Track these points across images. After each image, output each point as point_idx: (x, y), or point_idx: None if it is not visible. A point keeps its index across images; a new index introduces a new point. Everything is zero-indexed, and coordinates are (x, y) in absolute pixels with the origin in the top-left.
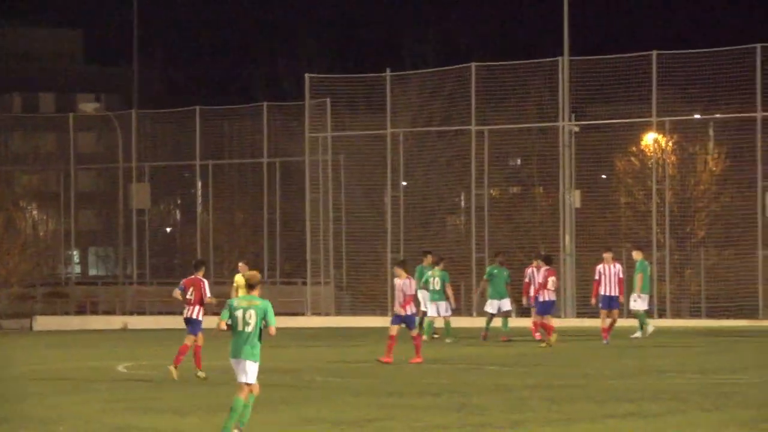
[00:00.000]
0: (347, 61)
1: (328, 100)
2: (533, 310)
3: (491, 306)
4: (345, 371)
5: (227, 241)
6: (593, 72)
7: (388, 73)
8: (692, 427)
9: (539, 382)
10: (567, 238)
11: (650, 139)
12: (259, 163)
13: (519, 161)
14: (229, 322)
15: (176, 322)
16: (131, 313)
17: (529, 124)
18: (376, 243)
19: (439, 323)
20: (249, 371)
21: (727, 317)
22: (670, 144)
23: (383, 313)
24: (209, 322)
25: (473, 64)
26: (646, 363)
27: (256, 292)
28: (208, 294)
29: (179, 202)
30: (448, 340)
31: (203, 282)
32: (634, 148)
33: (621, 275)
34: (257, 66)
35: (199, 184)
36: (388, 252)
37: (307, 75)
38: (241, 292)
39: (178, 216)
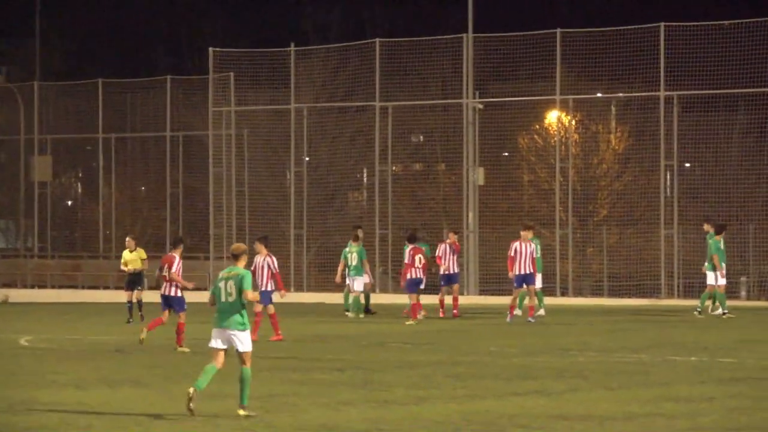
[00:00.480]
0: (251, 36)
1: (231, 74)
2: (442, 288)
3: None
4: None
5: (130, 215)
6: (497, 49)
7: (292, 47)
8: (595, 405)
9: (443, 359)
10: (470, 215)
11: (553, 117)
12: (162, 136)
13: (422, 138)
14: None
15: (77, 295)
16: (32, 287)
17: (433, 100)
18: (279, 218)
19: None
20: (243, 340)
21: (629, 296)
22: (574, 122)
23: (285, 288)
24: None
25: (377, 40)
26: (550, 341)
27: (240, 263)
28: (173, 269)
29: (81, 175)
30: (351, 314)
31: (175, 258)
32: (537, 126)
33: (535, 254)
34: (161, 39)
35: (102, 157)
36: (291, 228)
37: (210, 49)
38: (130, 267)
39: (80, 189)
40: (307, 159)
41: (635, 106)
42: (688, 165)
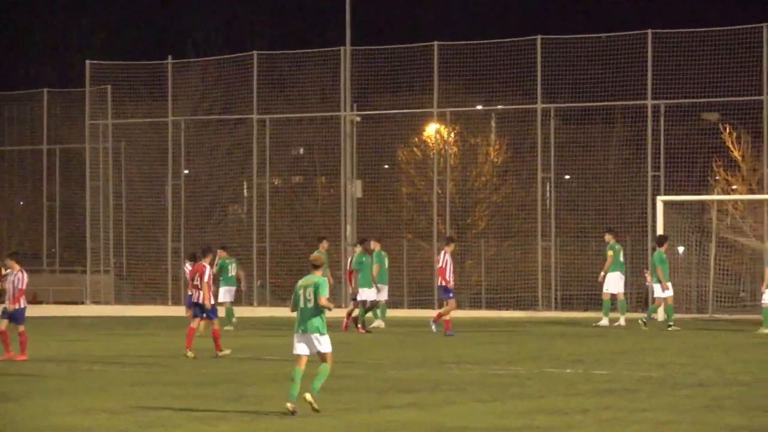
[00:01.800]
0: (129, 48)
1: (109, 87)
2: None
3: (364, 294)
4: (124, 360)
5: (6, 228)
6: (376, 62)
7: (169, 60)
8: (470, 418)
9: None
10: (348, 227)
11: (432, 130)
12: (39, 150)
13: (302, 150)
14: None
15: None
16: None
17: (312, 113)
18: (157, 231)
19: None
20: (323, 342)
21: (507, 308)
22: (452, 135)
23: (163, 302)
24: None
25: (255, 53)
26: (427, 353)
27: (318, 272)
28: (205, 278)
29: None
30: (227, 327)
31: (207, 268)
32: (416, 139)
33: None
34: (38, 51)
35: None
36: (169, 241)
37: (87, 61)
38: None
39: None
40: (185, 172)
41: (514, 119)
42: (567, 177)
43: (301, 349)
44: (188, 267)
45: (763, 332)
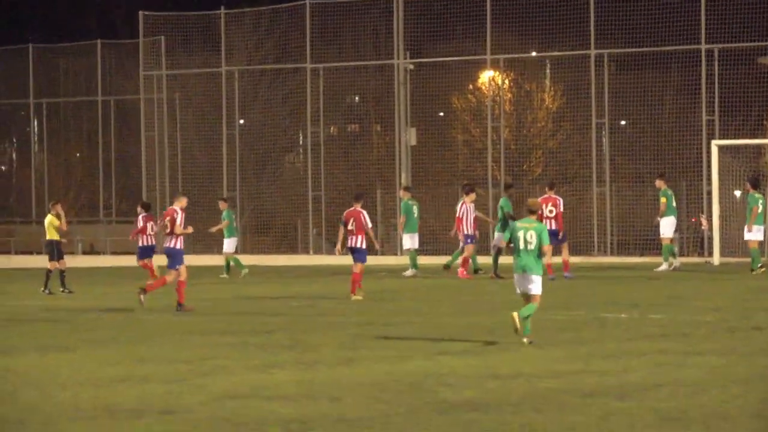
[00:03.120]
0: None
1: (162, 38)
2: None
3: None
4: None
5: (63, 180)
6: (429, 9)
7: (222, 10)
8: (525, 364)
9: (373, 320)
10: (403, 175)
11: (486, 76)
12: (94, 101)
13: (356, 99)
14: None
15: (9, 261)
16: None
17: (365, 61)
18: (213, 182)
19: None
20: (535, 285)
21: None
22: (507, 82)
23: (219, 251)
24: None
25: (307, 2)
26: (480, 300)
27: (534, 217)
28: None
29: (14, 140)
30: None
31: (362, 213)
32: (470, 86)
33: (460, 215)
34: (91, 3)
35: (34, 122)
36: (225, 191)
37: (140, 12)
38: (51, 232)
39: (14, 155)
40: (240, 122)
41: (568, 65)
42: (623, 123)
43: (522, 286)
44: (142, 215)
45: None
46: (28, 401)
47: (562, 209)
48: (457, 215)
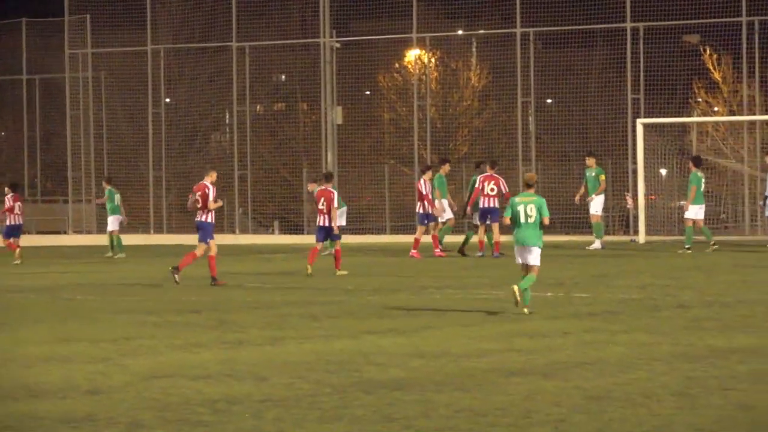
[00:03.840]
0: None
1: (87, 16)
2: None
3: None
4: (105, 289)
5: None
6: None
7: None
8: (450, 342)
9: (300, 299)
10: (329, 154)
11: (412, 55)
12: (18, 80)
13: (283, 77)
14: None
15: None
16: None
17: (292, 40)
18: (139, 160)
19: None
20: (534, 255)
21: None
22: (433, 60)
23: (145, 230)
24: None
25: None
26: (407, 279)
27: (532, 190)
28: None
29: None
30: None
31: (333, 192)
32: (397, 65)
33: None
34: None
35: None
36: (150, 169)
37: None
38: None
39: None
40: (166, 100)
41: (494, 43)
42: (549, 101)
43: (522, 257)
44: (10, 195)
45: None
46: None
47: (507, 189)
48: (424, 193)
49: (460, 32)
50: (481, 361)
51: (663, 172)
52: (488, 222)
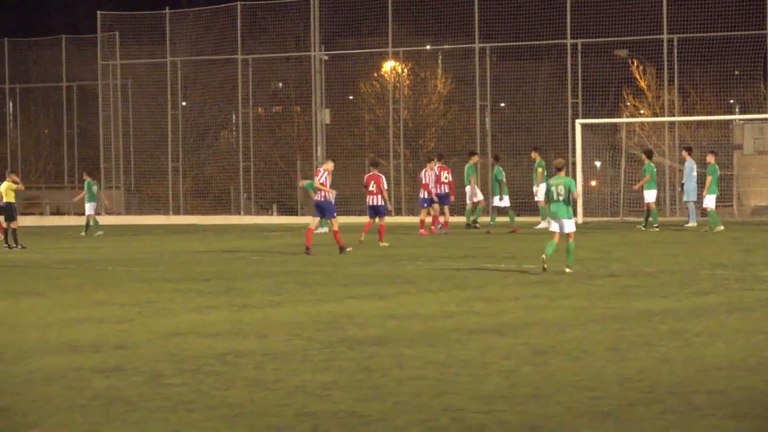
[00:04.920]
0: (134, 1)
1: (117, 33)
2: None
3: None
4: (132, 262)
5: (34, 153)
6: (341, 10)
7: (167, 10)
8: (420, 306)
9: (294, 269)
10: (319, 149)
11: (389, 66)
12: (59, 87)
13: (280, 85)
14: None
15: None
16: None
17: (287, 53)
18: (159, 153)
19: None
20: (567, 225)
21: (452, 214)
22: (406, 71)
23: (165, 212)
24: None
25: (239, 3)
26: (384, 253)
27: (562, 173)
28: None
29: None
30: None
31: (381, 177)
32: (376, 74)
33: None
34: (58, 3)
35: (9, 104)
36: (169, 161)
37: (98, 12)
38: (10, 195)
39: None
40: (183, 104)
41: (457, 56)
42: (503, 104)
43: (554, 227)
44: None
45: (719, 229)
46: (4, 339)
47: (426, 180)
48: (425, 182)
49: (428, 47)
50: (445, 321)
51: (597, 164)
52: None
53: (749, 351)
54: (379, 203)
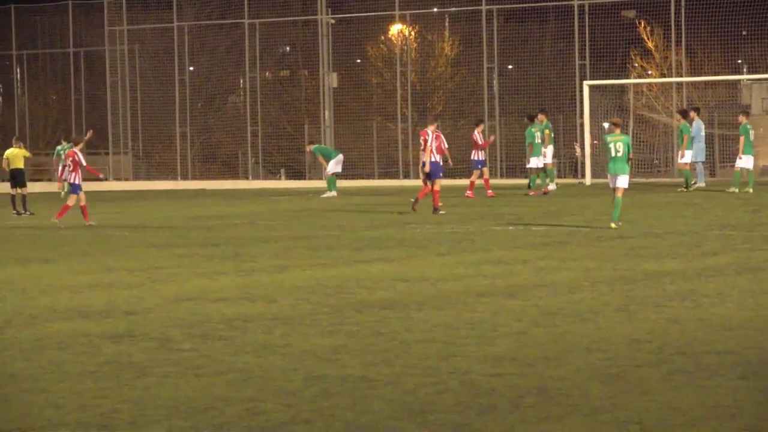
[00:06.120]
0: None
1: None
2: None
3: (535, 162)
4: (141, 227)
5: (42, 119)
6: None
7: None
8: (429, 269)
9: (302, 234)
10: (326, 113)
11: (396, 29)
12: (66, 52)
13: (287, 48)
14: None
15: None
16: None
17: (294, 17)
18: (167, 119)
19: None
20: (621, 180)
21: (462, 177)
22: (413, 33)
23: (173, 177)
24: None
25: None
26: (394, 217)
27: (618, 131)
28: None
29: (0, 86)
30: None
31: (440, 135)
32: (383, 37)
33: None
34: None
35: (17, 70)
36: (177, 126)
37: None
38: (18, 161)
39: (0, 98)
40: (190, 69)
41: (464, 19)
42: (510, 67)
43: (612, 183)
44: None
45: (732, 191)
46: (13, 305)
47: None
48: (480, 142)
49: (435, 9)
50: (454, 284)
51: (605, 125)
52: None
53: (758, 311)
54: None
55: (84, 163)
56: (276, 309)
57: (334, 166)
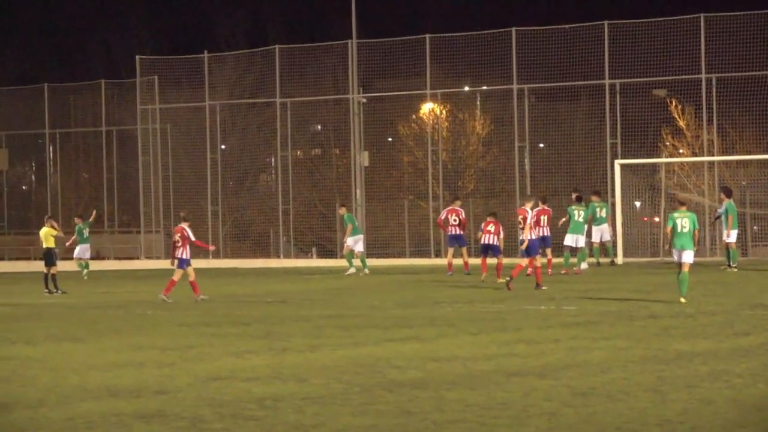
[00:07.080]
0: (170, 42)
1: (156, 77)
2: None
3: (570, 240)
4: (172, 306)
5: (74, 197)
6: (378, 52)
7: (206, 54)
8: (460, 348)
9: (333, 313)
10: (358, 191)
11: (427, 108)
12: (99, 131)
13: (319, 127)
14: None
15: (30, 266)
16: None
17: (326, 96)
18: (199, 197)
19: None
20: (687, 256)
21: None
22: (444, 112)
23: (205, 256)
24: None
25: (276, 47)
26: (424, 295)
27: (684, 208)
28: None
29: (33, 164)
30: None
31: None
32: (414, 116)
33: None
34: (97, 49)
35: (50, 149)
36: (209, 204)
37: (137, 57)
38: (50, 241)
39: (33, 177)
40: (222, 147)
41: (495, 98)
42: (541, 145)
43: (678, 258)
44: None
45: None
46: (45, 383)
47: (464, 217)
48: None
49: (466, 88)
50: (485, 363)
51: (637, 204)
52: (458, 246)
53: None
54: (492, 242)
55: (193, 238)
56: (307, 388)
57: (352, 243)
